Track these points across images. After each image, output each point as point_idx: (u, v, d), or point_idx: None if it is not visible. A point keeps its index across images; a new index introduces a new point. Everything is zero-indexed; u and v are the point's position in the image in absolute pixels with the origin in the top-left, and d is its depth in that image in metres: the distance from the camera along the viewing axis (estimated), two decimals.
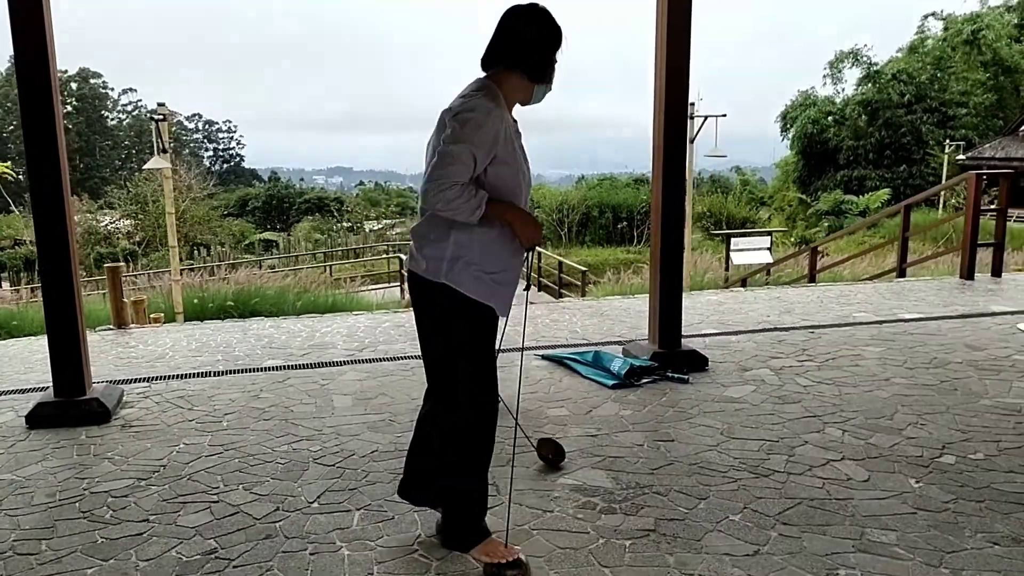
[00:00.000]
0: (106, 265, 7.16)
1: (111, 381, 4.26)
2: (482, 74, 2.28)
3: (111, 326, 6.42)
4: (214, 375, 4.46)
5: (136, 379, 4.41)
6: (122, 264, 7.69)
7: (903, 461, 3.04)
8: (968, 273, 7.40)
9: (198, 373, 4.51)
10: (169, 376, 4.46)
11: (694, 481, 2.91)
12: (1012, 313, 5.75)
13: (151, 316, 8.17)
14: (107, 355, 5.13)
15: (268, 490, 2.87)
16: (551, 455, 3.09)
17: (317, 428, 3.52)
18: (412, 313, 2.40)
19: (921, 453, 3.12)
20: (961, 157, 29.11)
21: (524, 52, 2.22)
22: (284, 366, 4.61)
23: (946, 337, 5.01)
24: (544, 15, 2.24)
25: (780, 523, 2.58)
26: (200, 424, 3.61)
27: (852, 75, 34.96)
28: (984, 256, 7.70)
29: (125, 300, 6.85)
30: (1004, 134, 30.73)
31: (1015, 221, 23.53)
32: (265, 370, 4.54)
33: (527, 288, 2.50)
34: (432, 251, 2.20)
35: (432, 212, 2.16)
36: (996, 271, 7.55)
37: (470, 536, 2.38)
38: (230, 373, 4.49)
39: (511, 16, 2.24)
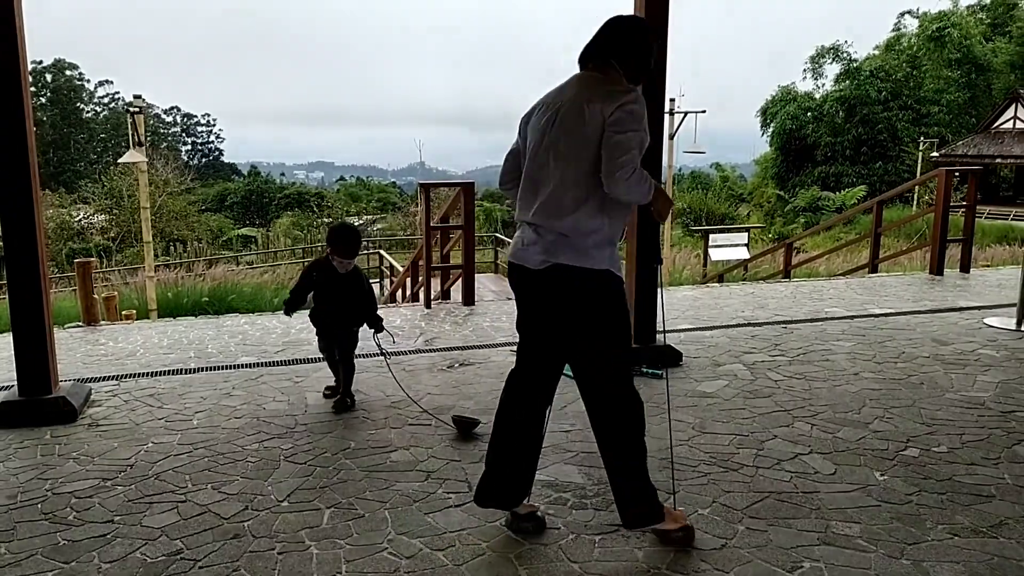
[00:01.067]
0: (76, 261, 7.04)
1: (79, 379, 4.20)
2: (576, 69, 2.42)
3: (81, 323, 6.32)
4: (185, 373, 4.41)
5: (105, 377, 4.35)
6: (93, 260, 7.56)
7: (869, 454, 3.09)
8: (937, 269, 7.53)
9: (169, 371, 4.46)
10: (139, 374, 4.40)
11: (665, 476, 2.93)
12: (978, 308, 5.86)
13: (123, 313, 8.06)
14: (75, 353, 5.05)
15: (237, 489, 2.85)
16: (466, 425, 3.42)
17: (289, 426, 3.49)
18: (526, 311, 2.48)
19: (886, 446, 3.17)
20: (935, 154, 29.59)
21: (635, 57, 2.38)
22: (258, 363, 4.57)
23: (914, 332, 5.09)
24: (649, 29, 2.51)
25: (748, 516, 2.61)
26: (169, 423, 3.57)
27: (832, 70, 35.33)
28: (954, 252, 7.83)
29: (96, 296, 6.75)
30: (976, 131, 31.28)
31: (985, 218, 24.00)
32: (238, 367, 4.50)
33: None
34: (596, 239, 2.27)
35: (595, 200, 2.24)
36: (964, 267, 7.68)
37: (659, 507, 2.42)
38: (202, 371, 4.44)
39: (625, 23, 2.42)
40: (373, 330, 3.78)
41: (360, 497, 2.76)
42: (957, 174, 8.59)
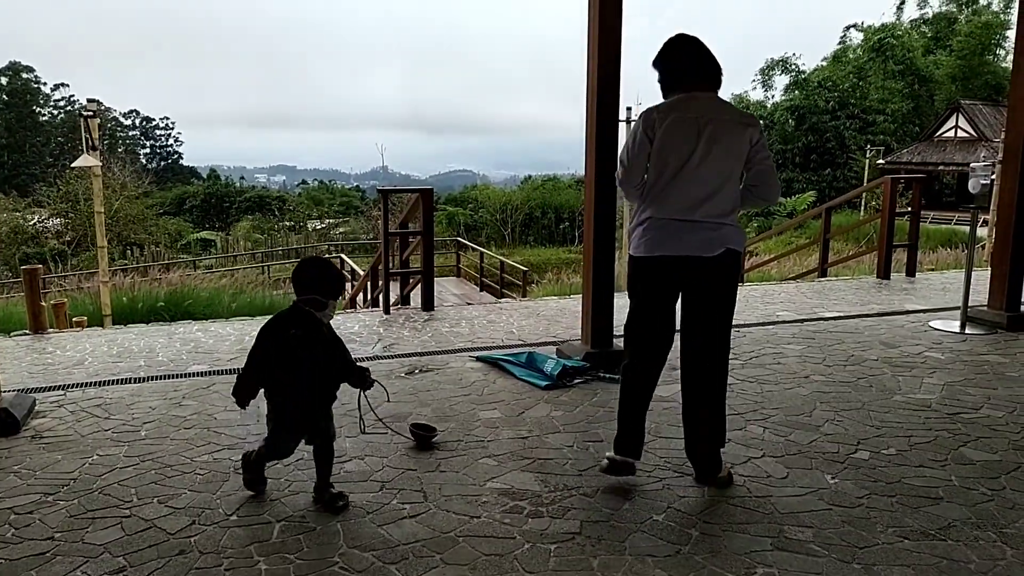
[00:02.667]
0: (23, 267, 6.81)
1: (23, 389, 4.05)
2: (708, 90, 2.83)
3: (27, 331, 6.11)
4: (135, 382, 4.28)
5: (51, 387, 4.20)
6: (39, 266, 7.32)
7: (820, 457, 3.14)
8: (884, 273, 7.74)
9: (118, 380, 4.33)
10: (86, 383, 4.26)
11: (620, 482, 2.94)
12: (924, 311, 6.03)
13: (73, 320, 7.82)
14: (21, 362, 4.88)
15: (184, 503, 2.77)
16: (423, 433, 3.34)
17: (241, 436, 3.41)
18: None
19: (837, 449, 3.23)
20: (881, 161, 30.53)
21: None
22: (210, 371, 4.47)
23: (863, 335, 5.21)
24: None
25: (702, 522, 2.63)
26: (116, 434, 3.46)
27: (781, 81, 36.33)
28: (900, 256, 8.05)
29: (43, 303, 6.53)
30: (920, 140, 32.37)
31: (930, 222, 24.77)
32: (189, 376, 4.39)
33: None
34: (738, 228, 2.82)
35: (738, 202, 2.83)
36: (910, 271, 7.91)
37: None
38: (152, 380, 4.32)
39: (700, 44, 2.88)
40: (359, 389, 2.84)
41: (311, 509, 2.71)
42: (902, 181, 8.86)
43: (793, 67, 35.63)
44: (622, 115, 7.31)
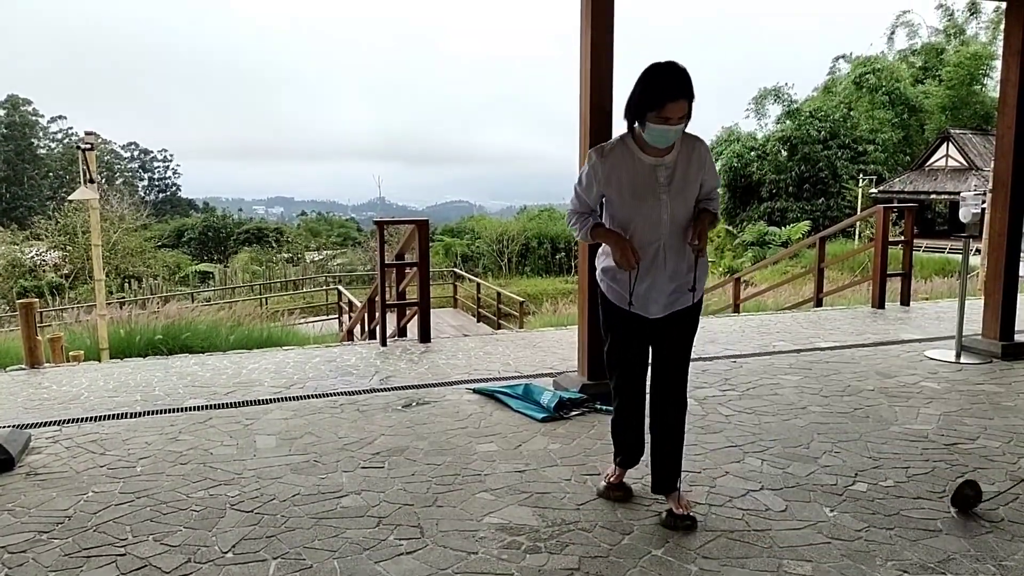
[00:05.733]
0: (19, 301, 6.81)
1: (18, 425, 4.03)
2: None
3: (24, 365, 6.09)
4: (130, 417, 4.27)
5: (46, 422, 4.19)
6: (35, 300, 7.32)
7: (819, 490, 3.13)
8: (879, 302, 7.77)
9: (113, 415, 4.31)
10: (82, 419, 4.25)
11: (618, 516, 2.93)
12: (920, 341, 6.05)
13: (70, 354, 7.80)
14: (16, 397, 4.86)
15: (180, 540, 2.75)
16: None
17: (237, 471, 3.40)
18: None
19: (835, 481, 3.22)
20: (874, 190, 30.82)
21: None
22: (206, 405, 4.46)
23: (859, 365, 5.22)
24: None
25: (700, 556, 2.61)
26: (112, 470, 3.44)
27: (774, 111, 36.81)
28: (895, 285, 8.10)
29: (40, 337, 6.52)
30: (911, 169, 32.75)
31: (923, 251, 24.93)
32: (186, 410, 4.37)
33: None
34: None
35: None
36: (905, 300, 7.94)
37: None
38: (148, 414, 4.31)
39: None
40: None
41: (308, 546, 2.69)
42: (895, 210, 8.95)
43: (785, 96, 36.13)
44: None
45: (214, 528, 2.85)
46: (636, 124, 2.69)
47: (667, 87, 2.54)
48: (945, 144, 31.38)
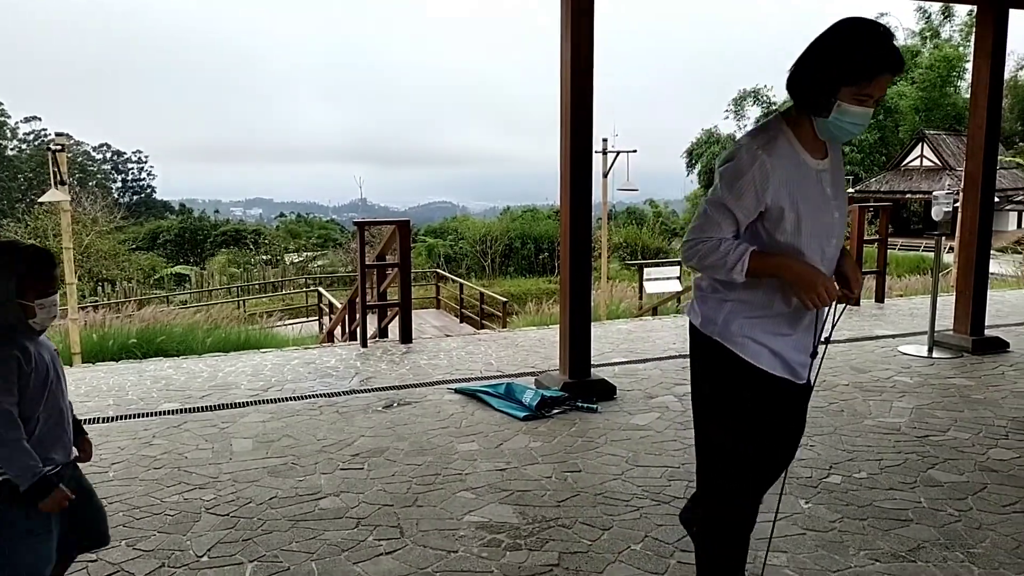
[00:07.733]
0: None
1: None
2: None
3: None
4: (102, 422, 4.21)
5: None
6: None
7: (794, 482, 3.17)
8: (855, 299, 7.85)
9: (86, 420, 4.23)
10: None
11: (598, 512, 2.94)
12: (893, 336, 6.14)
13: None
14: None
15: (153, 545, 2.72)
16: None
17: (212, 475, 3.36)
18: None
19: (811, 474, 3.26)
20: (851, 190, 31.27)
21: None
22: (181, 409, 4.40)
23: (835, 360, 5.29)
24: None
25: (679, 550, 2.63)
26: None
27: (753, 112, 37.24)
28: (870, 282, 8.21)
29: None
30: (888, 169, 33.29)
31: (899, 249, 25.33)
32: (160, 414, 4.32)
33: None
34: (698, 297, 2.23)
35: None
36: (879, 297, 8.06)
37: None
38: (121, 419, 4.24)
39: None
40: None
41: (285, 549, 2.67)
42: (871, 209, 9.08)
43: (764, 98, 36.53)
44: (596, 146, 7.44)
45: (189, 532, 2.81)
46: (814, 106, 1.84)
47: (885, 54, 1.77)
48: (920, 145, 31.96)
